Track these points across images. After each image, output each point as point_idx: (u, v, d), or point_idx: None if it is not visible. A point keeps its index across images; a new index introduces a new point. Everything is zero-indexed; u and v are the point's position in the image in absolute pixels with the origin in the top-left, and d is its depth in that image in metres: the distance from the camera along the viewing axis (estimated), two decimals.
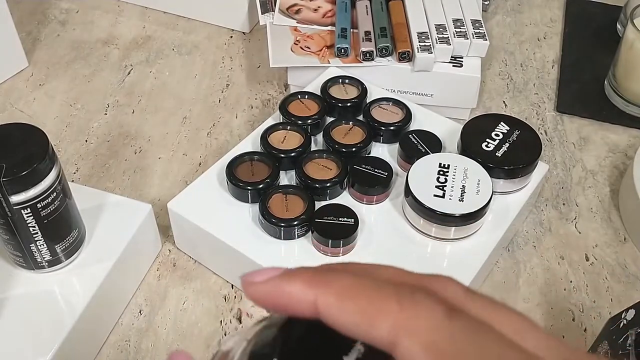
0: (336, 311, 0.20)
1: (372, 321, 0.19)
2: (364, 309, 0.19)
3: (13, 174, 0.40)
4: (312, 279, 0.21)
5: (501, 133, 0.55)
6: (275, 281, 0.21)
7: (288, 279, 0.21)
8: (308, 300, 0.20)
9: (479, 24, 0.67)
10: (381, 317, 0.19)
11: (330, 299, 0.20)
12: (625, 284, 0.55)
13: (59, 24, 0.79)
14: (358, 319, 0.19)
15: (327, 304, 0.20)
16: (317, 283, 0.21)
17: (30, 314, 0.46)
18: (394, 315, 0.19)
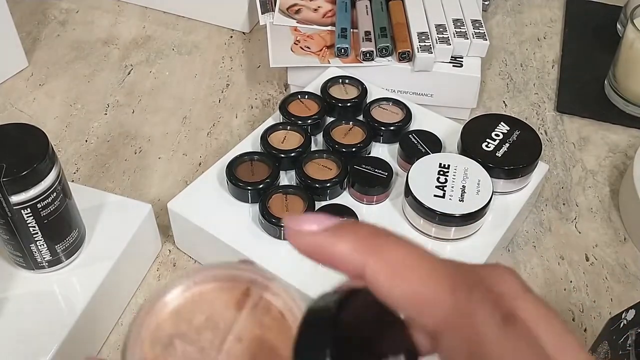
0: (385, 285, 0.19)
1: (422, 308, 0.18)
2: (415, 292, 0.18)
3: (13, 174, 0.40)
4: (364, 242, 0.19)
5: (501, 133, 0.55)
6: (322, 236, 0.20)
7: (338, 237, 0.20)
8: (355, 265, 0.19)
9: (479, 24, 0.66)
10: (432, 307, 0.18)
11: (381, 271, 0.19)
12: (626, 284, 0.55)
13: (59, 24, 0.79)
14: (407, 301, 0.18)
15: (377, 275, 0.19)
16: (368, 248, 0.19)
17: (31, 314, 0.46)
18: (446, 308, 0.18)
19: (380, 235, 0.20)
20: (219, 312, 0.22)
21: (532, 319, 0.19)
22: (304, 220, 0.20)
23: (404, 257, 0.19)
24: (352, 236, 0.20)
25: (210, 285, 0.23)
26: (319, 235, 0.20)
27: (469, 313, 0.18)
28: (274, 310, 0.23)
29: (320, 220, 0.20)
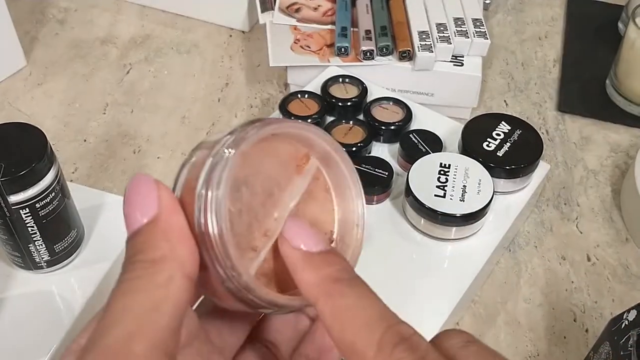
0: (326, 326, 0.21)
1: (350, 356, 0.20)
2: (347, 340, 0.20)
3: (11, 173, 0.40)
4: (323, 283, 0.21)
5: (502, 132, 0.54)
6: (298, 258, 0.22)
7: (307, 267, 0.22)
8: (308, 297, 0.21)
9: (480, 22, 0.66)
10: (356, 358, 0.20)
11: (326, 314, 0.21)
12: (627, 285, 0.55)
13: (58, 22, 0.79)
14: (341, 346, 0.20)
15: (322, 315, 0.21)
16: (324, 289, 0.21)
17: (29, 314, 0.45)
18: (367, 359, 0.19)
19: (341, 280, 0.21)
20: (281, 169, 0.23)
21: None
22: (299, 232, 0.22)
23: (351, 306, 0.20)
24: (317, 273, 0.21)
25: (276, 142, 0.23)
26: (295, 257, 0.22)
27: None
28: (321, 181, 0.24)
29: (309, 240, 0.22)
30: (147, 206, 0.20)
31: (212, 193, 0.19)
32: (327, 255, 0.22)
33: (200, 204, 0.20)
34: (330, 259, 0.22)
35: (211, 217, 0.19)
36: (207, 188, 0.20)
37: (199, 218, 0.20)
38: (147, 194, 0.20)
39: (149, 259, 0.19)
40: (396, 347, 0.19)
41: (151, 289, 0.19)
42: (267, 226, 0.22)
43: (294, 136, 0.23)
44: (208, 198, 0.19)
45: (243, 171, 0.21)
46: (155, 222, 0.20)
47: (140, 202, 0.20)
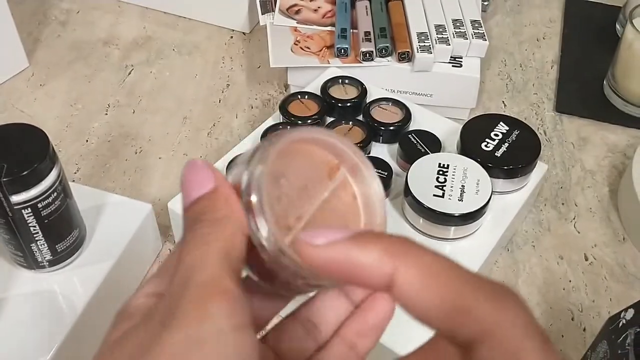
0: (417, 293, 0.18)
1: (458, 317, 0.17)
2: (450, 299, 0.17)
3: (14, 173, 0.40)
4: (392, 249, 0.18)
5: (500, 133, 0.55)
6: (344, 246, 0.19)
7: (362, 246, 0.18)
8: (383, 274, 0.18)
9: (479, 24, 0.67)
10: (469, 317, 0.17)
11: (414, 276, 0.18)
12: (624, 284, 0.55)
13: (60, 24, 0.79)
14: (443, 310, 0.17)
15: (408, 282, 0.18)
16: (397, 253, 0.18)
17: (31, 313, 0.46)
18: (484, 317, 0.17)
19: (406, 241, 0.19)
20: (314, 170, 0.25)
21: None
22: (318, 234, 0.19)
23: (435, 263, 0.18)
24: (378, 244, 0.19)
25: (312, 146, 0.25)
26: (339, 246, 0.19)
27: (507, 325, 0.17)
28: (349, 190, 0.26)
29: (333, 232, 0.20)
30: (205, 180, 0.22)
31: (257, 169, 0.22)
32: (367, 232, 0.20)
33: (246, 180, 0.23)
34: (374, 233, 0.20)
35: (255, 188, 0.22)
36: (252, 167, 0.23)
37: (246, 189, 0.22)
38: (203, 172, 0.22)
39: (214, 218, 0.21)
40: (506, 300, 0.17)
41: (221, 240, 0.21)
42: (301, 212, 0.24)
43: (327, 145, 0.25)
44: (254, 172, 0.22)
45: (282, 165, 0.24)
46: (215, 191, 0.22)
47: (198, 178, 0.22)
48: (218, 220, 0.21)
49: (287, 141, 0.24)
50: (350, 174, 0.26)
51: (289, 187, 0.24)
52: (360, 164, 0.25)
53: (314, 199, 0.25)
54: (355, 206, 0.26)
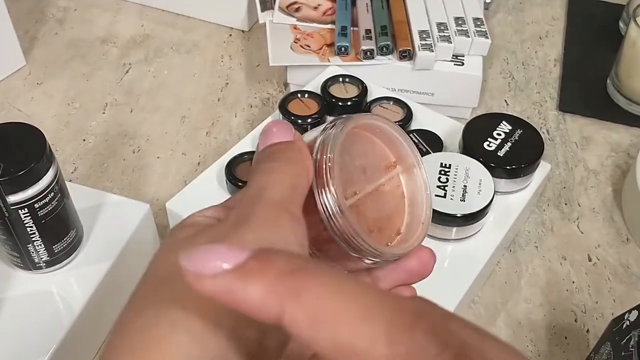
0: (308, 337, 0.16)
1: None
2: (344, 343, 0.15)
3: (10, 173, 0.40)
4: (278, 284, 0.16)
5: (503, 132, 0.54)
6: (227, 279, 0.16)
7: (245, 281, 0.16)
8: (271, 313, 0.16)
9: (481, 22, 0.66)
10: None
11: (301, 320, 0.16)
12: (628, 285, 0.54)
13: (57, 22, 0.79)
14: (335, 353, 0.15)
15: (296, 325, 0.16)
16: (284, 290, 0.16)
17: (28, 314, 0.45)
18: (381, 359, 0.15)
19: (298, 271, 0.16)
20: (374, 160, 0.27)
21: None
22: (205, 258, 0.17)
23: (330, 299, 0.16)
24: (264, 277, 0.16)
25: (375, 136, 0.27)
26: (227, 280, 0.16)
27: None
28: (400, 189, 0.27)
29: (223, 254, 0.17)
30: (285, 133, 0.24)
31: (333, 131, 0.24)
32: (261, 255, 0.17)
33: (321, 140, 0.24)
34: (268, 256, 0.17)
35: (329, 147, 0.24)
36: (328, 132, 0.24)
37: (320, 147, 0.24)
38: (285, 127, 0.24)
39: (287, 157, 0.23)
40: (413, 332, 0.15)
41: (290, 174, 0.22)
42: (357, 189, 0.26)
43: (392, 141, 0.27)
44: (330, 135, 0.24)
45: (349, 144, 0.26)
46: (292, 141, 0.24)
47: (279, 131, 0.24)
48: (290, 159, 0.23)
49: (358, 123, 0.25)
50: (403, 173, 0.28)
51: (350, 164, 0.25)
52: (415, 166, 0.27)
53: (370, 183, 0.26)
54: (402, 204, 0.27)
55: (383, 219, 0.27)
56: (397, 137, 0.27)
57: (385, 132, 0.27)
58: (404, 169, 0.27)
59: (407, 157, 0.27)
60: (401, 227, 0.27)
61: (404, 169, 0.27)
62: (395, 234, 0.27)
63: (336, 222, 0.23)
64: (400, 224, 0.27)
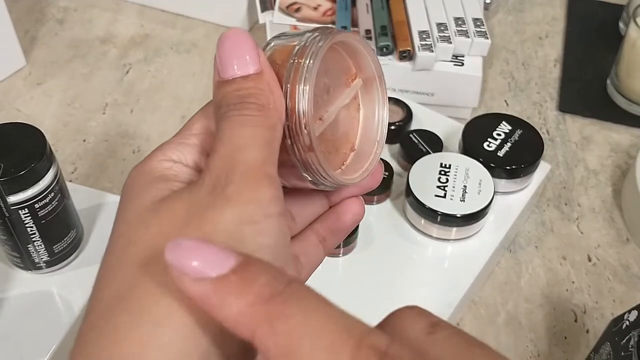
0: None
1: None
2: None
3: (10, 173, 0.40)
4: (254, 306, 0.16)
5: (503, 133, 0.54)
6: (206, 289, 0.17)
7: (223, 296, 0.17)
8: (243, 332, 0.17)
9: (481, 22, 0.66)
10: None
11: (270, 347, 0.16)
12: (628, 285, 0.54)
13: (57, 22, 0.79)
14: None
15: (266, 351, 0.16)
16: (258, 314, 0.16)
17: (28, 314, 0.45)
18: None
19: (275, 297, 0.16)
20: (337, 76, 0.26)
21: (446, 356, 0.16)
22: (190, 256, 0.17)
23: (301, 328, 0.16)
24: (242, 298, 0.16)
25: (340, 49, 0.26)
26: (207, 288, 0.17)
27: None
28: (357, 101, 0.27)
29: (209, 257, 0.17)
30: (251, 59, 0.22)
31: (307, 61, 0.22)
32: (244, 269, 0.17)
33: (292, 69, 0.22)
34: (251, 273, 0.17)
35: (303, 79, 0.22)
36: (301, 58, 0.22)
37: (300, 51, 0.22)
38: (249, 48, 0.22)
39: (259, 103, 0.21)
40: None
41: (265, 128, 0.21)
42: (322, 112, 0.25)
43: (355, 52, 0.26)
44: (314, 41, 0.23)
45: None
46: (261, 75, 0.22)
47: (242, 53, 0.22)
48: (263, 107, 0.21)
49: (337, 38, 0.24)
50: (364, 87, 0.26)
51: (316, 87, 0.23)
52: (375, 79, 0.26)
53: (334, 104, 0.25)
54: (357, 117, 0.27)
55: (339, 139, 0.26)
56: (361, 51, 0.25)
57: (352, 46, 0.25)
58: (363, 82, 0.26)
59: (368, 69, 0.26)
60: (355, 144, 0.27)
61: (364, 82, 0.26)
62: (349, 150, 0.27)
63: (304, 155, 0.22)
64: (354, 139, 0.27)
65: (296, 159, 0.23)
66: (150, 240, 0.19)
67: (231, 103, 0.21)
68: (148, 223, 0.20)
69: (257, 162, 0.20)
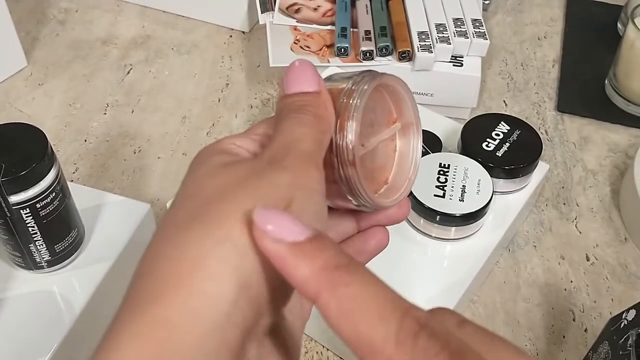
0: (333, 322, 0.19)
1: (364, 352, 0.18)
2: (361, 334, 0.18)
3: (12, 173, 0.40)
4: (321, 273, 0.19)
5: (501, 133, 0.55)
6: (286, 252, 0.20)
7: (300, 259, 0.20)
8: (309, 293, 0.19)
9: (479, 23, 0.66)
10: (375, 353, 0.18)
11: (331, 308, 0.19)
12: (626, 284, 0.55)
13: (59, 23, 0.79)
14: (352, 341, 0.18)
15: (326, 311, 0.19)
16: (324, 280, 0.19)
17: (29, 314, 0.45)
18: (389, 357, 0.18)
19: (340, 267, 0.19)
20: (380, 115, 0.29)
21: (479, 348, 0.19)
22: (275, 221, 0.20)
23: (357, 296, 0.19)
24: (313, 262, 0.19)
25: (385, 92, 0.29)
26: (283, 249, 0.20)
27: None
28: (394, 143, 0.30)
29: (290, 227, 0.20)
30: (312, 81, 0.26)
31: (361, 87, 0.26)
32: (317, 241, 0.20)
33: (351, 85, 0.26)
34: (322, 245, 0.20)
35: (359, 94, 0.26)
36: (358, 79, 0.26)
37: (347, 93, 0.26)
38: (311, 73, 0.26)
39: (315, 112, 0.25)
40: (417, 337, 0.18)
41: (317, 131, 0.24)
42: (365, 141, 0.28)
43: (397, 96, 0.29)
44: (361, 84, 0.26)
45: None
46: (319, 94, 0.26)
47: (305, 76, 0.26)
48: (317, 115, 0.25)
49: (382, 81, 0.27)
50: (401, 129, 0.30)
51: (363, 118, 0.27)
52: (413, 124, 0.29)
53: (376, 137, 0.29)
54: (393, 157, 0.30)
55: (376, 169, 0.29)
56: (404, 97, 0.29)
57: (396, 90, 0.28)
58: (402, 126, 0.30)
59: (407, 115, 0.29)
60: (389, 178, 0.30)
61: (402, 126, 0.30)
62: (383, 183, 0.30)
63: (347, 170, 0.26)
64: (388, 175, 0.30)
65: (338, 174, 0.26)
66: (214, 186, 0.22)
67: (291, 109, 0.25)
68: (215, 176, 0.23)
69: (309, 152, 0.23)
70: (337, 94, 0.26)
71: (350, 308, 0.19)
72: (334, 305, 0.19)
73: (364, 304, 0.19)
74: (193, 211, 0.22)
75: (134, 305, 0.21)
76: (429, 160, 0.52)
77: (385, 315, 0.18)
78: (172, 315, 0.19)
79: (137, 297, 0.21)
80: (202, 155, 0.25)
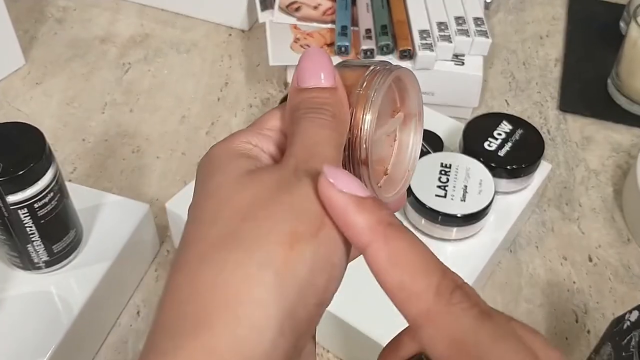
0: (380, 269, 0.21)
1: (406, 300, 0.20)
2: (404, 282, 0.20)
3: (10, 173, 0.40)
4: (377, 225, 0.21)
5: (503, 132, 0.54)
6: (349, 201, 0.22)
7: (360, 210, 0.21)
8: (362, 241, 0.21)
9: (481, 21, 0.66)
10: (416, 301, 0.20)
11: (381, 255, 0.21)
12: (629, 285, 0.54)
13: (57, 22, 0.79)
14: (395, 288, 0.21)
15: (376, 258, 0.21)
16: (378, 231, 0.21)
17: (27, 315, 0.45)
18: (427, 304, 0.20)
19: (392, 225, 0.22)
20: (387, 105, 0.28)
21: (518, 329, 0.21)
22: (342, 179, 0.22)
23: (405, 249, 0.21)
24: (371, 216, 0.21)
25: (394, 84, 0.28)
26: (346, 199, 0.22)
27: (448, 311, 0.20)
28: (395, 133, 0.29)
29: (355, 185, 0.22)
30: (328, 75, 0.25)
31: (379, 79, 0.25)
32: (376, 200, 0.22)
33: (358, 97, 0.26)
34: (380, 204, 0.22)
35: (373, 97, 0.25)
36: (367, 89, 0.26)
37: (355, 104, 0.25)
38: (327, 66, 0.25)
39: (333, 112, 0.24)
40: (453, 293, 0.20)
41: (337, 133, 0.24)
42: None
43: (404, 88, 0.28)
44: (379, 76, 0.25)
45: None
46: (335, 90, 0.25)
47: (321, 68, 0.25)
48: (335, 116, 0.24)
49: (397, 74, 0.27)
50: (403, 120, 0.29)
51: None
52: (415, 115, 0.29)
53: (382, 129, 0.28)
54: (392, 147, 0.30)
55: (376, 160, 0.29)
56: (409, 87, 0.28)
57: (403, 81, 0.28)
58: (404, 116, 0.29)
59: (411, 106, 0.29)
60: (388, 168, 0.30)
61: (405, 116, 0.29)
62: (383, 173, 0.30)
63: (358, 168, 0.26)
64: (387, 165, 0.30)
65: (347, 169, 0.26)
66: (245, 200, 0.22)
67: (309, 107, 0.25)
68: (243, 186, 0.23)
69: (332, 157, 0.24)
70: (350, 86, 0.26)
71: (398, 260, 0.21)
72: (384, 255, 0.21)
73: (411, 258, 0.21)
74: (228, 228, 0.22)
75: (178, 332, 0.20)
76: (430, 160, 0.52)
77: (428, 270, 0.21)
78: (219, 345, 0.19)
79: (180, 324, 0.20)
80: (218, 158, 0.25)
